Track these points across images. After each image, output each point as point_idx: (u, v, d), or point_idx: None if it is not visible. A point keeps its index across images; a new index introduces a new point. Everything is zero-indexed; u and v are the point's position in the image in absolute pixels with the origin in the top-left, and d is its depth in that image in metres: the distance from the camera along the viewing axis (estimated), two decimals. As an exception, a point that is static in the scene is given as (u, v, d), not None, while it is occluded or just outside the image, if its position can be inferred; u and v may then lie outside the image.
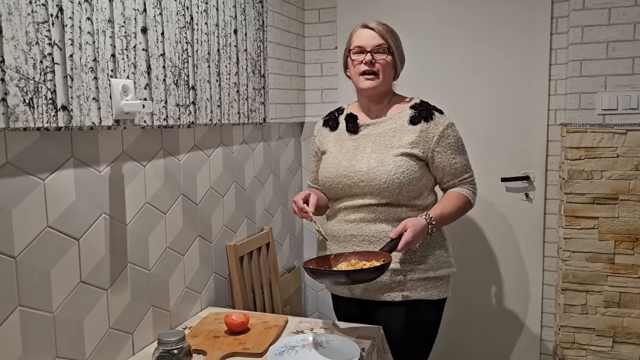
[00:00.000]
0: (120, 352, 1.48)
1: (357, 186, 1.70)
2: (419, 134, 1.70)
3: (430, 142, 1.70)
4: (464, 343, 2.64)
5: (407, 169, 1.67)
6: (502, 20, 2.45)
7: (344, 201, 1.76)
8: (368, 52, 1.69)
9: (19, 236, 1.16)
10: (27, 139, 1.18)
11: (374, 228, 1.70)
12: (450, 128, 1.73)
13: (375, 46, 1.70)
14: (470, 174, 1.79)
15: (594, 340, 2.33)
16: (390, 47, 1.71)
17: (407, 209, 1.71)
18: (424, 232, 1.62)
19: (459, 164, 1.74)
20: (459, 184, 1.77)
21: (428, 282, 1.72)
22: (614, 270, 2.27)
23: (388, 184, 1.66)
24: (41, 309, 1.22)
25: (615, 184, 2.22)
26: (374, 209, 1.71)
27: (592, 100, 2.24)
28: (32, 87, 1.14)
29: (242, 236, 2.20)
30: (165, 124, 1.61)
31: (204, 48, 1.81)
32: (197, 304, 1.88)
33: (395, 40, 1.73)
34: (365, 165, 1.69)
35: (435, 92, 2.18)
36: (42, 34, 1.16)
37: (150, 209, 1.60)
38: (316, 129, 1.95)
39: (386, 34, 1.71)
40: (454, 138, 1.73)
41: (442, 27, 2.55)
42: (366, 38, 1.71)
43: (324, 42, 2.77)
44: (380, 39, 1.70)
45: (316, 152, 1.94)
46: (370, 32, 1.71)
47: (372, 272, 1.48)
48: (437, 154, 1.71)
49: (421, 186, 1.72)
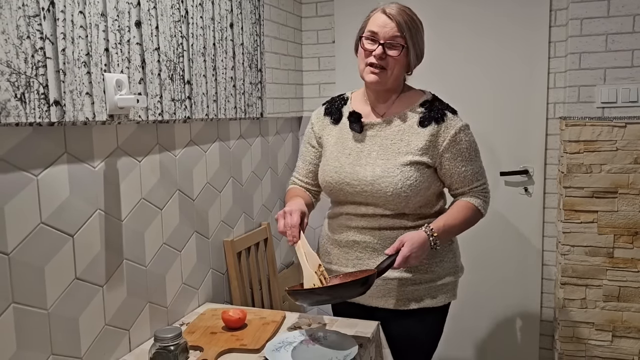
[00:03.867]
0: (116, 348, 1.48)
1: (361, 195, 1.58)
2: (429, 138, 1.55)
3: (439, 147, 1.56)
4: (463, 338, 2.64)
5: (415, 180, 1.53)
6: (501, 13, 2.44)
7: (347, 207, 1.64)
8: (380, 43, 1.51)
9: (12, 233, 1.15)
10: (20, 134, 1.17)
11: (378, 235, 1.60)
12: (462, 132, 1.56)
13: (390, 38, 1.51)
14: (482, 181, 1.63)
15: (593, 334, 2.32)
16: (406, 42, 1.52)
17: (413, 217, 1.61)
18: (424, 247, 1.48)
19: (469, 172, 1.59)
20: (468, 192, 1.62)
21: (434, 290, 1.62)
22: (613, 264, 2.26)
23: (394, 196, 1.53)
24: (35, 306, 1.21)
25: (615, 177, 2.21)
26: (377, 218, 1.60)
27: (591, 93, 2.22)
28: (24, 81, 1.12)
29: (240, 232, 2.19)
30: (160, 118, 1.59)
31: (199, 42, 1.79)
32: (195, 300, 1.87)
33: (413, 33, 1.53)
34: (369, 174, 1.55)
35: (434, 85, 2.15)
36: (33, 28, 1.14)
37: (146, 205, 1.59)
38: (314, 116, 1.76)
39: (404, 25, 1.51)
40: (466, 143, 1.57)
41: (441, 20, 2.53)
42: (382, 26, 1.51)
43: (322, 36, 2.76)
44: (397, 30, 1.51)
45: (314, 142, 1.75)
46: (388, 20, 1.51)
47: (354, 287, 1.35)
48: (446, 160, 1.57)
49: (429, 195, 1.60)
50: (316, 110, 1.79)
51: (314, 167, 1.75)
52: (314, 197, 1.78)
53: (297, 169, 1.80)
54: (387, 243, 1.57)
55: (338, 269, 1.68)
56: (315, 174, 1.75)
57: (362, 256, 1.63)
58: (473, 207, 1.60)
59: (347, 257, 1.66)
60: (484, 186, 1.64)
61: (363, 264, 1.63)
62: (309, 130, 1.77)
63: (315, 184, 1.76)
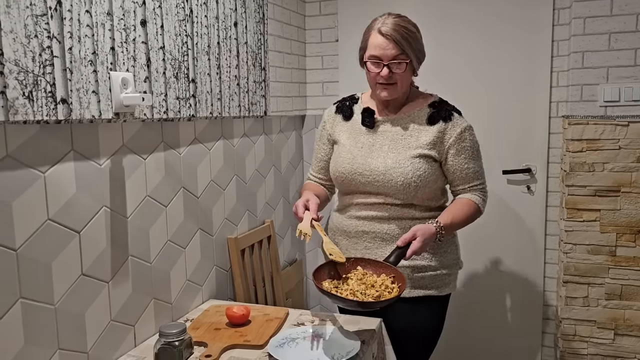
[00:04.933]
0: (121, 344, 1.49)
1: (372, 185, 1.67)
2: (437, 134, 1.65)
3: (445, 144, 1.66)
4: (465, 335, 2.65)
5: (424, 172, 1.63)
6: (504, 13, 2.44)
7: (357, 197, 1.72)
8: (385, 65, 1.59)
9: (20, 229, 1.16)
10: (27, 132, 1.18)
11: (387, 226, 1.68)
12: (467, 131, 1.67)
13: (392, 58, 1.58)
14: (481, 181, 1.72)
15: (595, 332, 2.33)
16: (408, 55, 1.59)
17: (420, 209, 1.69)
18: (432, 240, 1.57)
19: (472, 170, 1.69)
20: (468, 190, 1.71)
21: (435, 280, 1.69)
22: (616, 262, 2.26)
23: (404, 186, 1.62)
24: (43, 301, 1.23)
25: (617, 176, 2.22)
26: (387, 207, 1.68)
27: (594, 92, 2.23)
28: (32, 80, 1.14)
29: (244, 229, 2.20)
30: (165, 117, 1.61)
31: (203, 41, 1.80)
32: (199, 297, 1.88)
33: (412, 43, 1.59)
34: (381, 165, 1.64)
35: (438, 84, 2.17)
36: (40, 27, 1.16)
37: (151, 202, 1.60)
38: (327, 114, 1.86)
39: (402, 40, 1.57)
40: (470, 142, 1.67)
41: (443, 20, 2.53)
42: (382, 48, 1.58)
43: (325, 34, 2.77)
44: (397, 49, 1.57)
45: (326, 139, 1.84)
46: (386, 41, 1.57)
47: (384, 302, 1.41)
48: (451, 156, 1.66)
49: (436, 188, 1.69)
50: (328, 109, 1.90)
51: (325, 164, 1.87)
52: (329, 190, 1.90)
53: (312, 165, 1.93)
54: (396, 233, 1.67)
55: None
56: (327, 170, 1.85)
57: (370, 246, 1.71)
58: (474, 204, 1.69)
59: (355, 247, 1.73)
60: (482, 185, 1.74)
61: (371, 254, 1.69)
62: (321, 128, 1.89)
63: (329, 178, 1.87)
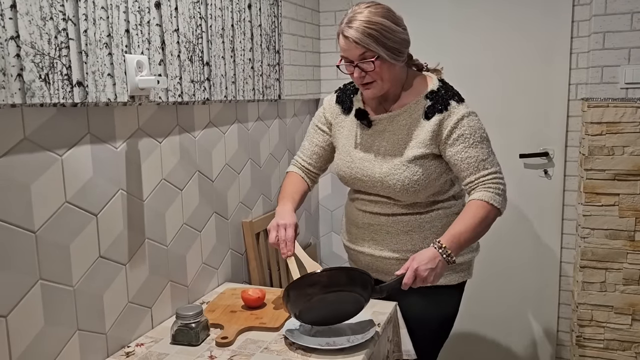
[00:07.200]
0: (139, 325, 1.51)
1: (373, 188, 1.66)
2: (434, 128, 1.56)
3: (442, 135, 1.56)
4: (479, 320, 2.64)
5: (421, 176, 1.57)
6: (523, -8, 2.39)
7: (361, 193, 1.73)
8: (355, 65, 1.52)
9: (38, 211, 1.18)
10: (44, 115, 1.19)
11: (392, 219, 1.67)
12: (465, 118, 1.54)
13: (358, 57, 1.50)
14: (490, 170, 1.54)
15: (612, 317, 2.31)
16: (376, 53, 1.49)
17: (426, 204, 1.66)
18: (434, 261, 1.42)
19: (473, 158, 1.53)
20: (477, 185, 1.54)
21: (451, 268, 1.61)
22: (634, 247, 2.23)
23: (402, 191, 1.59)
24: (62, 283, 1.24)
25: (637, 159, 2.18)
26: (391, 205, 1.67)
27: (615, 73, 2.18)
28: (48, 62, 1.14)
29: (258, 213, 2.21)
30: (180, 100, 1.61)
31: (218, 23, 1.79)
32: (214, 280, 1.90)
33: (378, 39, 1.47)
34: (377, 172, 1.62)
35: (454, 68, 2.14)
36: (56, 9, 1.15)
37: (166, 185, 1.61)
38: (326, 102, 1.80)
39: (366, 39, 1.46)
40: (468, 129, 1.54)
41: (460, 2, 2.49)
42: (347, 49, 1.52)
43: (339, 16, 2.73)
44: (361, 48, 1.48)
45: (324, 127, 1.78)
46: (348, 42, 1.49)
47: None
48: (448, 147, 1.56)
49: (441, 183, 1.64)
50: (328, 96, 1.83)
51: (319, 150, 1.80)
52: (312, 180, 1.82)
53: (302, 148, 1.83)
54: (400, 226, 1.67)
55: (356, 247, 1.78)
56: (319, 156, 1.80)
57: (377, 237, 1.72)
58: (484, 205, 1.50)
59: (364, 237, 1.75)
60: (493, 176, 1.54)
61: (378, 244, 1.70)
62: (320, 113, 1.81)
63: (318, 166, 1.81)
